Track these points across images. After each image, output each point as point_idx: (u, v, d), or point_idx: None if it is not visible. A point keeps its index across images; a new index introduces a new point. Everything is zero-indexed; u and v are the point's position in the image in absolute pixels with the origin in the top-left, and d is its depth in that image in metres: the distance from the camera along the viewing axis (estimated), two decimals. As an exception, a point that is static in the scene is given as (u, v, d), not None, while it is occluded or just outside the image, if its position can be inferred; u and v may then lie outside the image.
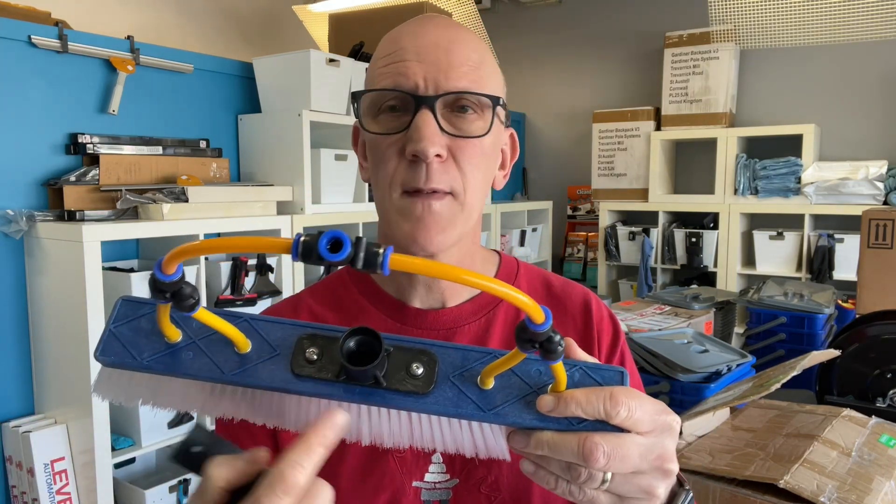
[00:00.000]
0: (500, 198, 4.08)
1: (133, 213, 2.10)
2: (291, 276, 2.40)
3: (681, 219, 3.79)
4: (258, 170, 2.57)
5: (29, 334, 2.01)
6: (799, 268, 3.33)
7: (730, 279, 3.50)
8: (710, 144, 3.57)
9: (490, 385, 0.50)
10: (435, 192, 0.68)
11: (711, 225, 3.59)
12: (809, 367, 1.31)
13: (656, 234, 3.70)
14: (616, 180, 3.87)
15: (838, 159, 3.37)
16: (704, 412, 1.20)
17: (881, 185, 3.11)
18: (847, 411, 1.25)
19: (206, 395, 0.51)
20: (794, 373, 1.21)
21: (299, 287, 2.40)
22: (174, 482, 2.08)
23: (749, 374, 1.65)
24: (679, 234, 3.63)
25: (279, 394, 0.50)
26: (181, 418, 2.08)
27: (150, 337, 0.50)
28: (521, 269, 0.84)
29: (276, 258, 2.37)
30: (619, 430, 0.49)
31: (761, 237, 3.43)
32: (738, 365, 1.62)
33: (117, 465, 2.05)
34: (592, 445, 0.48)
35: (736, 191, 3.45)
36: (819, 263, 3.22)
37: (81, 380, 1.86)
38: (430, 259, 0.71)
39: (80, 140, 2.05)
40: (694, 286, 3.01)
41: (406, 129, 0.67)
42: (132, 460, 2.17)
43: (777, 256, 3.40)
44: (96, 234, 1.83)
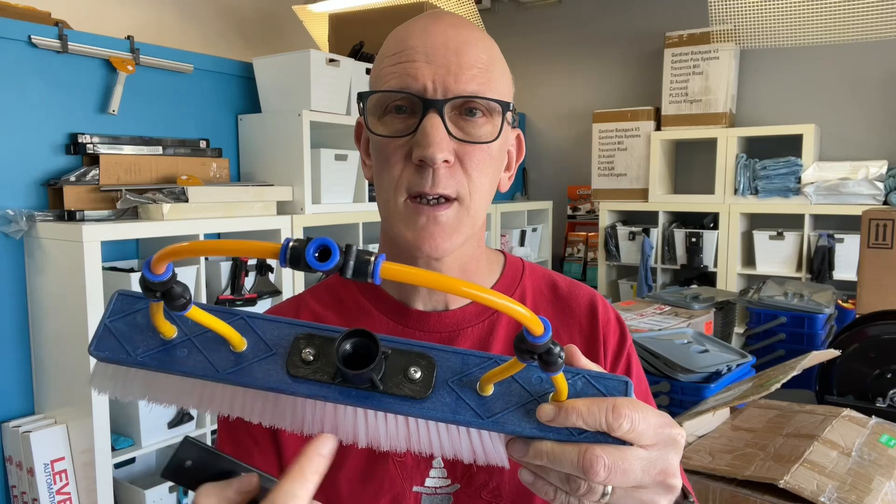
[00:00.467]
0: (500, 198, 4.07)
1: (133, 213, 2.10)
2: (291, 276, 2.40)
3: (681, 219, 3.79)
4: (258, 170, 2.57)
5: (29, 334, 2.00)
6: (799, 268, 3.33)
7: (730, 279, 3.49)
8: (710, 144, 3.56)
9: (489, 391, 0.49)
10: (440, 199, 0.67)
11: (711, 225, 3.59)
12: (809, 367, 1.31)
13: (656, 234, 3.70)
14: (616, 180, 3.87)
15: (838, 159, 3.37)
16: (704, 412, 1.20)
17: (881, 185, 3.11)
18: (847, 411, 1.25)
19: (202, 392, 0.50)
20: (794, 373, 1.21)
21: (299, 287, 2.40)
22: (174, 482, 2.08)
23: (749, 374, 1.65)
24: (679, 234, 3.63)
25: (274, 394, 0.50)
26: (181, 418, 2.08)
27: (145, 332, 0.49)
28: (527, 270, 0.82)
29: (277, 258, 2.36)
30: (622, 442, 0.48)
31: (761, 237, 3.43)
32: (738, 365, 1.62)
33: (117, 465, 2.05)
34: (593, 458, 0.47)
35: (736, 191, 3.45)
36: (819, 263, 3.22)
37: (81, 380, 1.86)
38: (434, 262, 0.71)
39: (80, 140, 2.05)
40: (694, 286, 3.01)
41: (413, 133, 0.66)
42: (132, 460, 2.17)
43: (777, 256, 3.40)
44: (96, 234, 1.83)
